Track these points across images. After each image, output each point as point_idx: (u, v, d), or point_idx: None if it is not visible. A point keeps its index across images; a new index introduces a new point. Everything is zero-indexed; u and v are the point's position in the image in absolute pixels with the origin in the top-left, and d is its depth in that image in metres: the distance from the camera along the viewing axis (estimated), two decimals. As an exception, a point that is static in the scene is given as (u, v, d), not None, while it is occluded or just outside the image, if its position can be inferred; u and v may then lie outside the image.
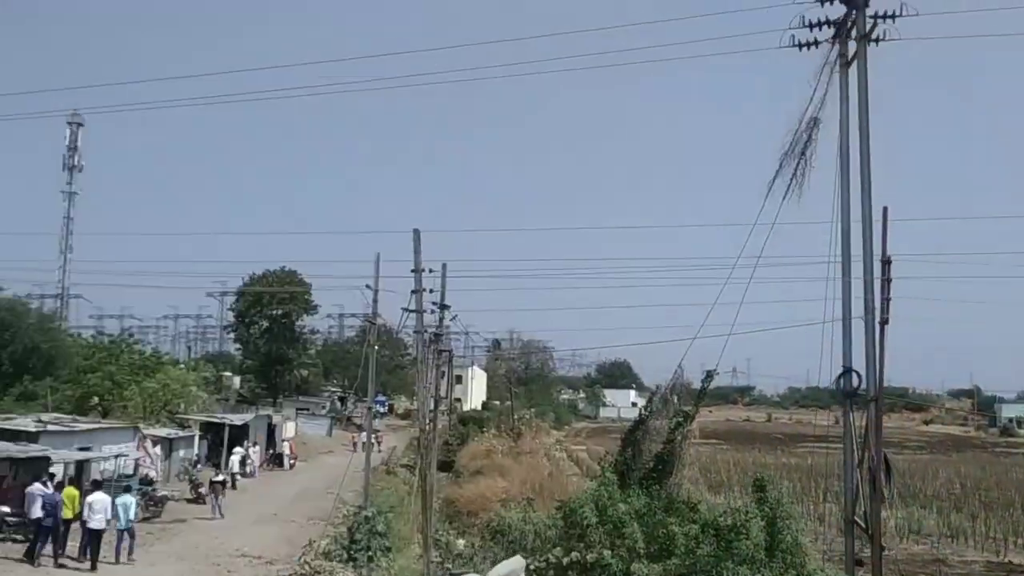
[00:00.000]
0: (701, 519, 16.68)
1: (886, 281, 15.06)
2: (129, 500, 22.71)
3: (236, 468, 39.38)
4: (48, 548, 21.38)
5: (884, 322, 15.06)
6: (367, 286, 23.05)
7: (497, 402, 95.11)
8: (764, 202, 16.59)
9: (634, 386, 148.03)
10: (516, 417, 59.87)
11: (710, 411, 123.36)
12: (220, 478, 33.05)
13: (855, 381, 14.98)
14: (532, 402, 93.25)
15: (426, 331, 21.77)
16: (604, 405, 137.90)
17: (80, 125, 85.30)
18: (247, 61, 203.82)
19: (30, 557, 20.95)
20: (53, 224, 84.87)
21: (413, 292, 19.21)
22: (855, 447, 15.36)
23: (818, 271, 16.32)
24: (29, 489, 22.65)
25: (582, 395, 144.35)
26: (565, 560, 15.79)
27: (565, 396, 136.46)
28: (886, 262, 15.02)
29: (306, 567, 18.50)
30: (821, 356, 15.57)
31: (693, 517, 16.95)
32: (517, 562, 12.82)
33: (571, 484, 33.73)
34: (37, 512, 21.48)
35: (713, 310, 17.49)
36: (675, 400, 20.70)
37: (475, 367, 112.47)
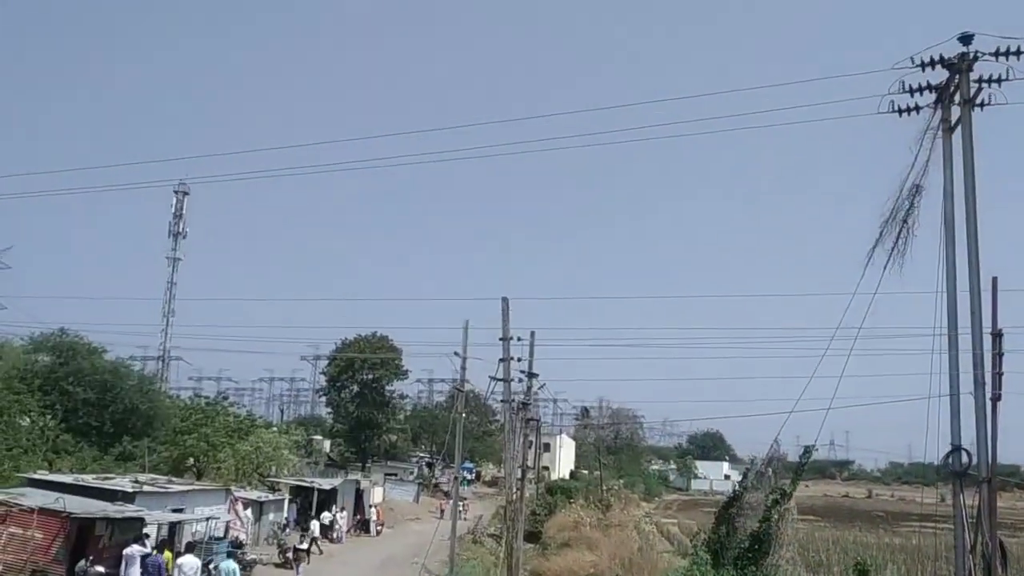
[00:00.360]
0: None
1: (997, 355, 14.28)
2: (233, 566, 23.10)
3: (317, 533, 39.44)
4: None
5: (996, 398, 14.26)
6: (456, 353, 23.09)
7: (586, 471, 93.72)
8: (864, 271, 16.04)
9: (727, 458, 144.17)
10: (605, 487, 58.71)
11: (806, 485, 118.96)
12: (304, 545, 33.06)
13: (964, 459, 14.13)
14: (621, 472, 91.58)
15: (514, 399, 21.55)
16: (696, 477, 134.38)
17: (186, 194, 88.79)
18: (343, 131, 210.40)
19: None
20: (157, 289, 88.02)
21: (501, 360, 19.09)
22: (966, 530, 14.43)
23: (921, 343, 15.62)
24: (127, 551, 23.02)
25: (673, 466, 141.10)
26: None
27: (655, 467, 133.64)
28: (997, 335, 14.27)
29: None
30: (927, 433, 14.78)
31: (791, 601, 16.13)
32: None
33: (662, 561, 32.69)
34: (135, 574, 21.78)
35: (812, 382, 16.86)
36: (771, 475, 19.88)
37: (563, 435, 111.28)
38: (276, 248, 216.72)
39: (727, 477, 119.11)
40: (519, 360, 21.78)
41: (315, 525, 40.09)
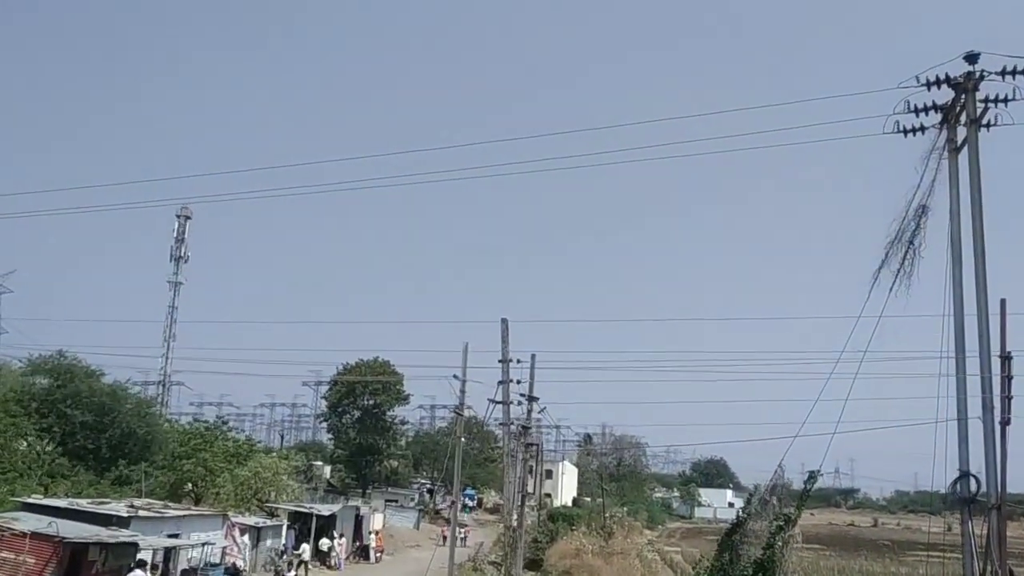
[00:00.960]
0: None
1: (1006, 378, 14.00)
2: None
3: (307, 556, 38.92)
4: None
5: (1005, 422, 13.96)
6: (455, 376, 22.82)
7: (588, 499, 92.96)
8: (869, 293, 15.80)
9: (731, 485, 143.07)
10: (607, 515, 58.07)
11: (812, 514, 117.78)
12: (291, 573, 32.53)
13: (973, 486, 13.80)
14: (624, 499, 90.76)
15: (513, 423, 21.22)
16: (699, 505, 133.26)
17: (188, 218, 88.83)
18: (340, 150, 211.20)
19: None
20: (158, 312, 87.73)
21: (500, 383, 18.79)
22: (976, 559, 14.08)
23: (928, 367, 15.31)
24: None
25: (676, 494, 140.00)
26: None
27: (659, 494, 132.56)
28: (1006, 357, 13.99)
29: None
30: (934, 459, 14.50)
31: (795, 630, 15.72)
32: None
33: (664, 588, 32.22)
34: None
35: (816, 407, 16.59)
36: (775, 502, 19.51)
37: (566, 462, 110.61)
38: (276, 271, 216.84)
39: (731, 505, 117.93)
40: (519, 383, 21.52)
41: (305, 548, 39.60)
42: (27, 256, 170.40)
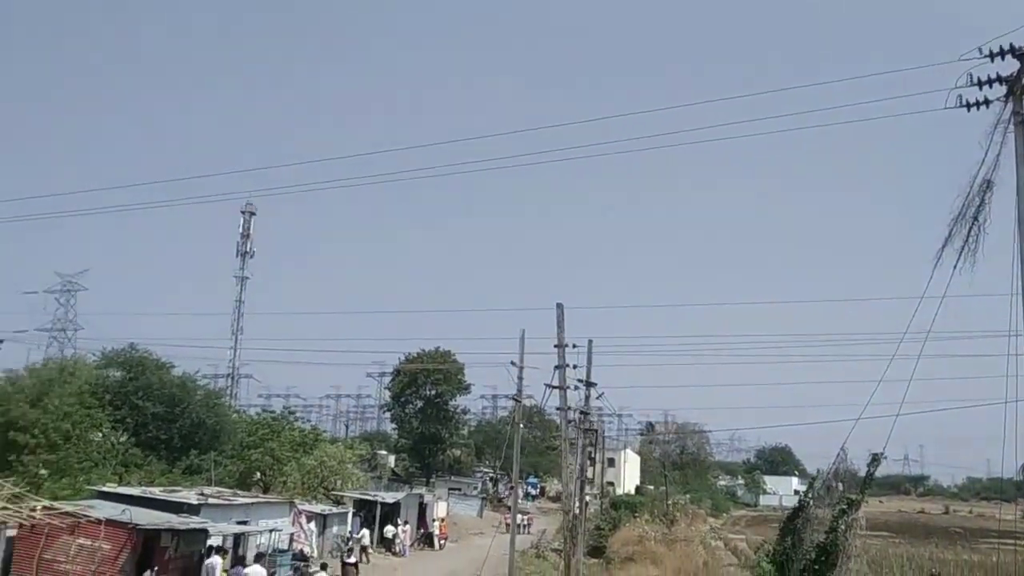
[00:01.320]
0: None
1: (1078, 356, 13.53)
2: None
3: (366, 541, 39.53)
4: None
5: (1078, 402, 13.50)
6: (512, 363, 22.89)
7: (651, 487, 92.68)
8: (933, 272, 15.43)
9: (796, 472, 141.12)
10: (670, 502, 57.80)
11: (880, 501, 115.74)
12: (352, 560, 32.89)
13: (1046, 470, 13.43)
14: (687, 487, 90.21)
15: (571, 409, 21.25)
16: (764, 492, 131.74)
17: (253, 214, 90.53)
18: (394, 140, 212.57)
19: None
20: (227, 304, 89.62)
21: (556, 368, 18.81)
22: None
23: (995, 346, 14.92)
24: (208, 561, 23.35)
25: (741, 481, 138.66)
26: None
27: (723, 482, 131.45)
28: (1076, 335, 13.51)
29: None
30: (1004, 442, 14.12)
31: (861, 615, 15.50)
32: None
33: (727, 574, 31.96)
34: None
35: (881, 390, 16.29)
36: (839, 486, 19.21)
37: (628, 450, 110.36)
38: (339, 263, 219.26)
39: (796, 492, 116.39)
40: (575, 367, 21.49)
41: (365, 534, 40.20)
42: (100, 253, 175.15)
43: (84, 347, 65.44)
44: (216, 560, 23.02)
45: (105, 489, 31.11)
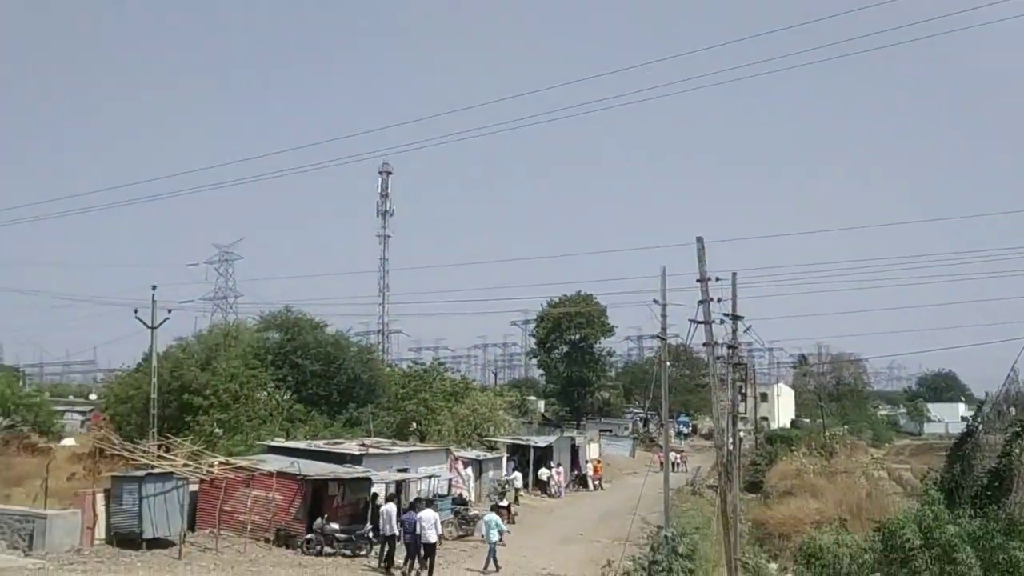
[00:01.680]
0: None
1: None
2: (496, 517, 25.36)
3: (519, 484, 40.22)
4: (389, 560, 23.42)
5: None
6: (655, 301, 22.65)
7: (807, 420, 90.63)
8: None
9: (963, 398, 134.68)
10: (828, 434, 56.36)
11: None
12: (504, 503, 33.43)
13: None
14: (845, 419, 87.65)
15: (718, 344, 20.87)
16: (929, 420, 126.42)
17: (390, 173, 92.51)
18: (526, 83, 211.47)
19: (388, 567, 23.12)
20: (373, 263, 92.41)
21: (700, 303, 18.46)
22: None
23: None
24: (384, 508, 24.44)
25: (902, 410, 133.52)
26: (886, 587, 14.32)
27: (883, 412, 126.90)
28: None
29: (607, 587, 18.21)
30: None
31: (1042, 541, 14.69)
32: None
33: (892, 505, 30.94)
34: (392, 529, 23.38)
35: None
36: (1011, 410, 18.19)
37: (781, 384, 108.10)
38: (475, 215, 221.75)
39: (964, 419, 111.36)
40: (719, 301, 21.00)
41: (517, 476, 40.96)
42: (252, 222, 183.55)
43: (244, 312, 69.04)
44: (391, 507, 24.05)
45: (274, 443, 32.91)
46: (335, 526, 25.41)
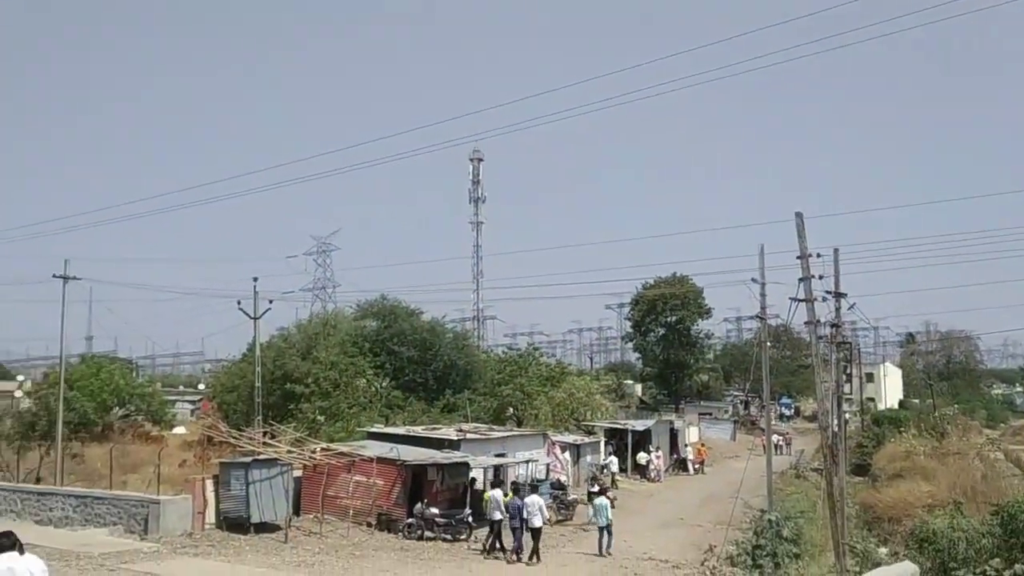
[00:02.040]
0: None
1: None
2: (605, 501, 25.01)
3: (615, 468, 39.82)
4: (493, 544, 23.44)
5: None
6: (752, 279, 22.07)
7: (916, 400, 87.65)
8: None
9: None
10: (938, 415, 54.26)
11: None
12: (595, 488, 33.06)
13: None
14: (957, 398, 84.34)
15: (820, 323, 20.18)
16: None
17: (481, 160, 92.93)
18: (609, 64, 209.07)
19: (501, 550, 23.18)
20: (467, 249, 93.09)
21: (800, 280, 17.85)
22: None
23: None
24: (491, 494, 24.64)
25: (1019, 389, 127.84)
26: (1007, 573, 13.58)
27: (998, 391, 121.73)
28: None
29: (709, 572, 17.86)
30: None
31: None
32: (905, 568, 10.60)
33: (1011, 487, 29.54)
34: (498, 515, 23.50)
35: None
36: None
37: (888, 364, 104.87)
38: (569, 198, 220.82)
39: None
40: (821, 278, 20.27)
41: (612, 460, 40.58)
42: (348, 213, 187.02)
43: (343, 302, 70.39)
44: (498, 492, 24.18)
45: (374, 430, 33.46)
46: (435, 511, 25.66)
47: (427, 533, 25.10)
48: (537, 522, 22.90)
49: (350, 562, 20.94)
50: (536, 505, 23.08)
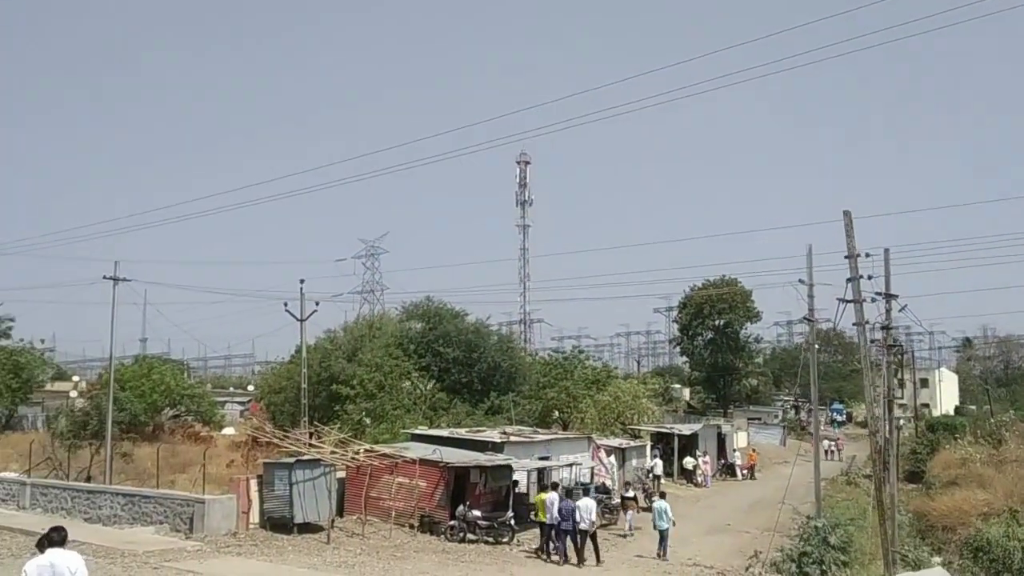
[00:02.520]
0: None
1: None
2: (665, 504, 25.16)
3: (659, 471, 39.34)
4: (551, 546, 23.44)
5: None
6: (800, 281, 21.60)
7: (972, 407, 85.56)
8: None
9: None
10: (995, 421, 52.84)
11: None
12: (631, 494, 32.58)
13: None
14: (1015, 404, 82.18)
15: (870, 325, 19.68)
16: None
17: (528, 163, 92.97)
18: (653, 60, 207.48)
19: (546, 554, 23.24)
20: (514, 252, 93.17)
21: (848, 281, 17.40)
22: None
23: None
24: (548, 496, 24.47)
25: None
26: (1065, 585, 13.08)
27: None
28: None
29: (754, 579, 17.47)
30: None
31: None
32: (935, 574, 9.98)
33: (1071, 496, 28.66)
34: (553, 518, 23.34)
35: None
36: None
37: (943, 369, 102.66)
38: (615, 200, 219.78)
39: None
40: (870, 278, 19.76)
41: (657, 463, 40.07)
42: (396, 216, 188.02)
43: (391, 304, 70.76)
44: (553, 496, 24.06)
45: (417, 431, 33.47)
46: (477, 513, 25.51)
47: (469, 536, 24.94)
48: (584, 525, 22.74)
49: (391, 563, 20.88)
50: (588, 508, 22.96)
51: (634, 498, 32.12)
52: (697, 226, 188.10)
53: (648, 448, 44.35)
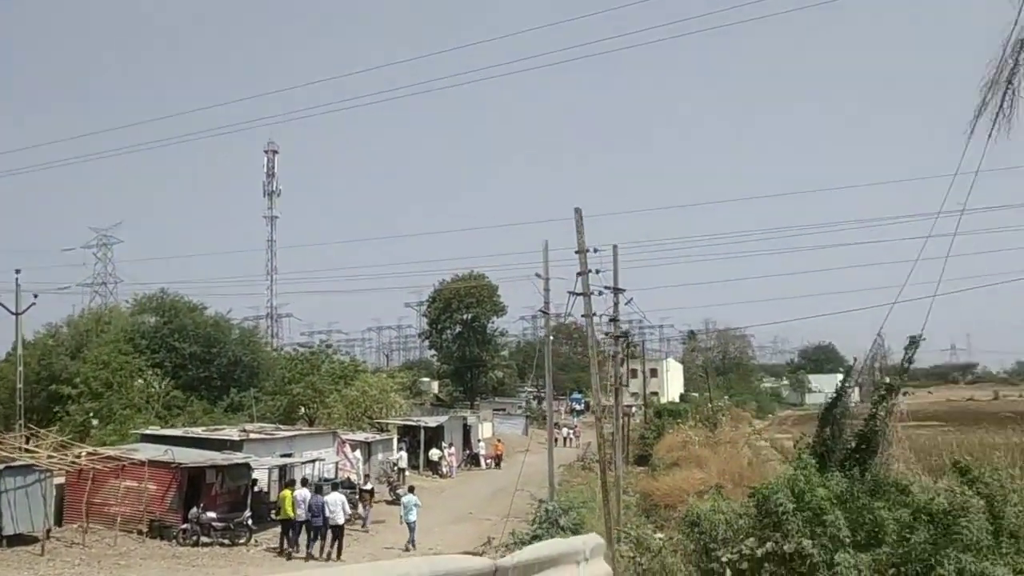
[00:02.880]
0: (913, 503, 14.81)
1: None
2: (415, 499, 25.59)
3: (403, 464, 39.76)
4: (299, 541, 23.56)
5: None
6: (537, 275, 22.50)
7: (695, 394, 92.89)
8: (967, 145, 14.59)
9: (841, 370, 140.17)
10: (713, 407, 57.78)
11: (929, 392, 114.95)
12: (368, 486, 32.70)
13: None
14: (731, 391, 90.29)
15: (597, 315, 20.87)
16: (810, 391, 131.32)
17: (276, 152, 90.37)
18: (404, 53, 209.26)
19: (292, 549, 23.26)
20: (260, 242, 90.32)
21: (579, 275, 18.36)
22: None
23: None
24: (298, 492, 23.93)
25: (785, 382, 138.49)
26: (760, 551, 14.44)
27: (767, 384, 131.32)
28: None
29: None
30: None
31: (904, 500, 15.09)
32: (588, 541, 10.10)
33: (772, 472, 31.77)
34: (302, 515, 23.19)
35: (918, 272, 15.63)
36: (878, 373, 18.71)
37: (671, 360, 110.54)
38: (359, 194, 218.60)
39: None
40: (598, 272, 20.98)
41: (402, 456, 40.40)
42: (131, 204, 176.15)
43: (126, 297, 66.18)
44: (304, 492, 23.60)
45: (149, 432, 31.64)
46: (212, 515, 24.51)
47: (203, 539, 23.93)
48: (340, 519, 23.00)
49: (114, 572, 19.60)
50: (338, 503, 23.07)
51: (371, 491, 32.11)
52: (448, 221, 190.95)
53: (395, 441, 44.45)
